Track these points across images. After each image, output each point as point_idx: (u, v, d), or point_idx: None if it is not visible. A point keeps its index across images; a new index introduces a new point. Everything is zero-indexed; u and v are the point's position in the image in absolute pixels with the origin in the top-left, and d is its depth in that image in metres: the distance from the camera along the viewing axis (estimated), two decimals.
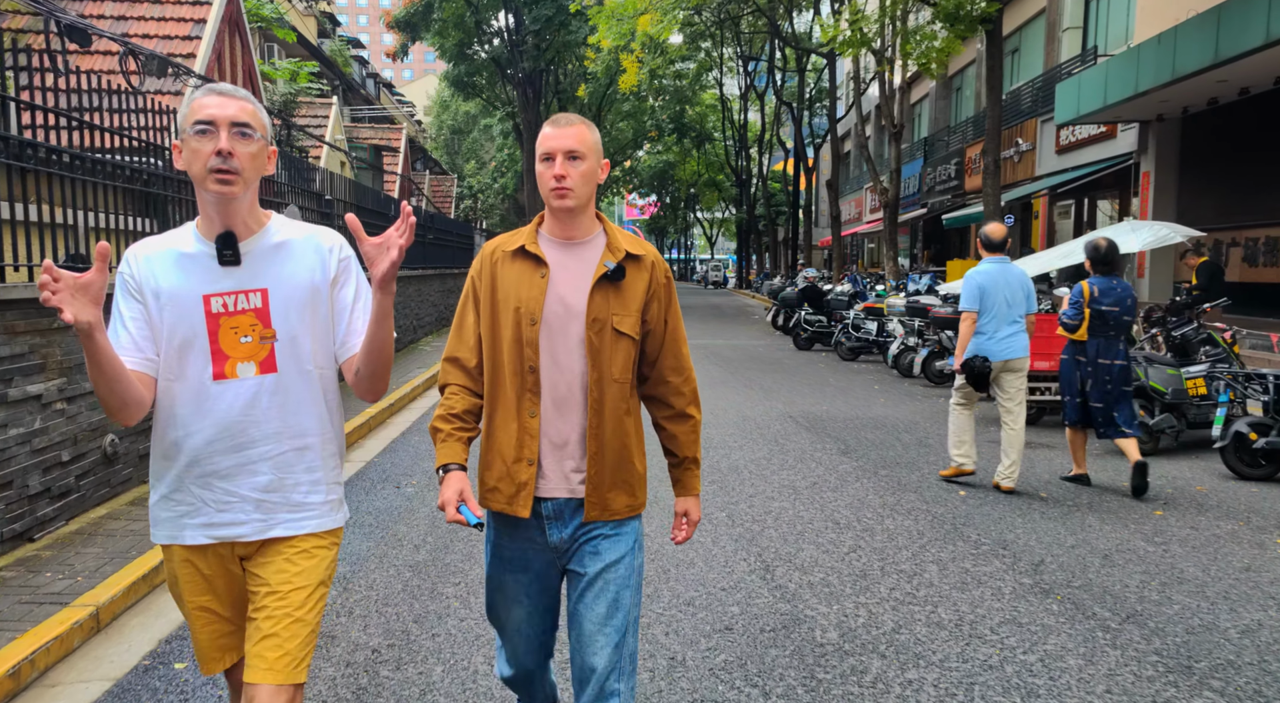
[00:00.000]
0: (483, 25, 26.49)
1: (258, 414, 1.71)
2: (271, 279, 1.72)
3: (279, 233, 1.76)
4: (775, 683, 2.88)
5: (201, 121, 1.61)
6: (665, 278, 1.96)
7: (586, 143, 1.84)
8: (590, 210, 1.93)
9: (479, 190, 41.20)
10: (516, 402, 1.88)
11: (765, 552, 4.20)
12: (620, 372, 1.89)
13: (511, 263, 1.91)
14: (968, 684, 2.87)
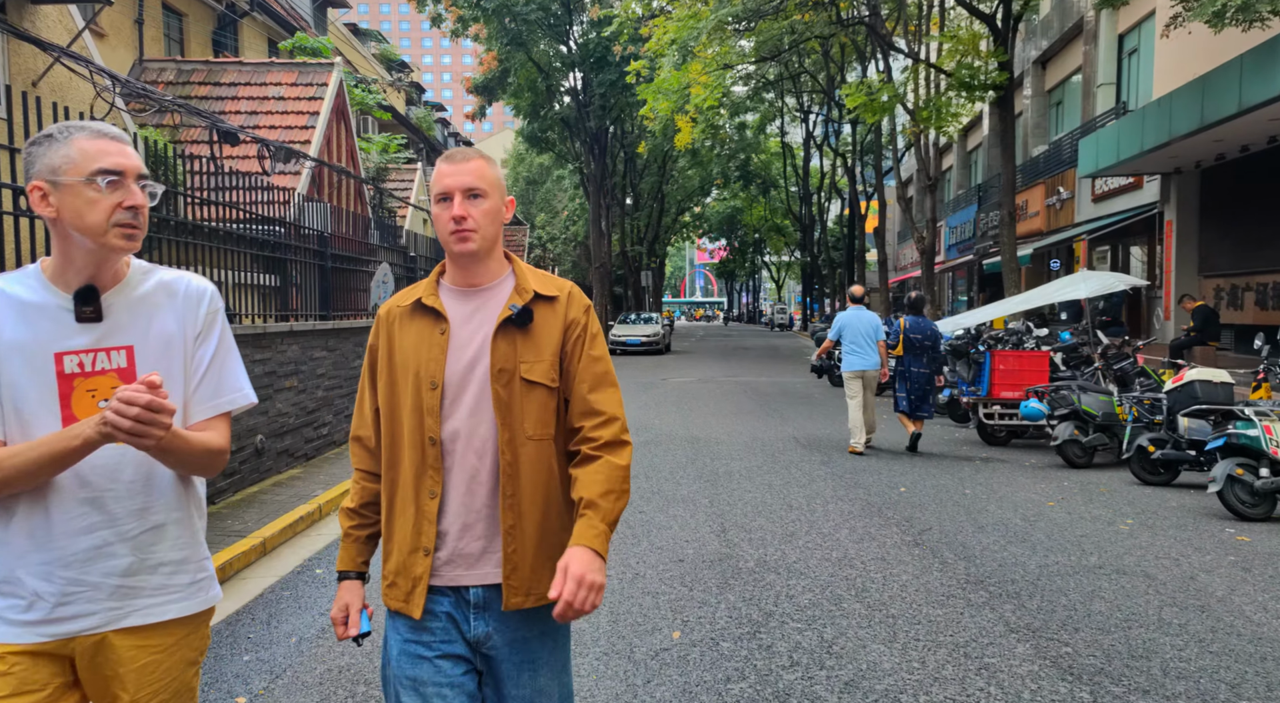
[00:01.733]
0: (553, 88, 29.18)
1: (119, 488, 1.51)
2: (137, 335, 1.55)
3: (143, 282, 1.59)
4: (701, 587, 4.48)
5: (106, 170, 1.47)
6: (583, 313, 1.77)
7: (487, 179, 1.69)
8: (497, 253, 1.76)
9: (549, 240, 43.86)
10: (415, 481, 1.68)
11: (726, 521, 5.79)
12: (535, 427, 1.68)
13: (410, 321, 1.73)
14: (828, 588, 4.41)
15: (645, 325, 26.26)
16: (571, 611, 1.52)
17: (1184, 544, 5.18)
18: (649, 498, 6.46)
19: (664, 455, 8.29)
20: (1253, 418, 5.65)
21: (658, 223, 45.04)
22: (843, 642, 3.70)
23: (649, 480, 7.12)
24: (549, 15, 26.00)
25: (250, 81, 12.88)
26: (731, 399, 13.23)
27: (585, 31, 27.85)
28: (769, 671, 3.42)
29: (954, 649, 3.62)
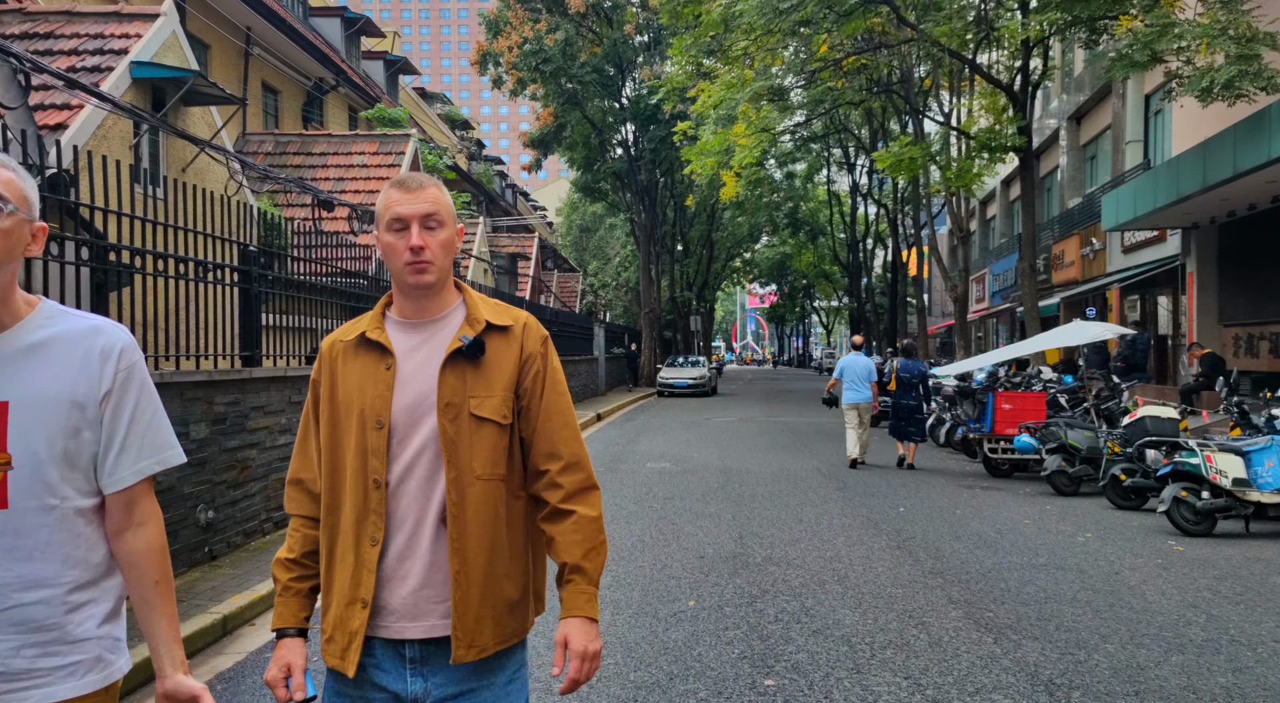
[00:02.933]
0: (606, 142, 31.15)
1: None
2: (16, 390, 1.37)
3: (42, 328, 1.41)
4: (715, 573, 5.71)
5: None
6: (542, 345, 1.68)
7: (444, 207, 1.61)
8: (449, 283, 1.67)
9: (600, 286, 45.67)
10: (356, 527, 1.57)
11: (744, 530, 7.00)
12: (485, 467, 1.58)
13: (354, 357, 1.64)
14: (816, 575, 5.59)
15: (692, 368, 27.54)
16: (576, 687, 1.54)
17: (1125, 551, 6.22)
18: (681, 513, 7.71)
19: (698, 482, 9.52)
20: (1195, 448, 6.68)
21: (707, 269, 46.58)
22: (818, 609, 4.89)
23: (682, 501, 8.36)
24: (602, 76, 28.01)
25: (338, 151, 14.80)
26: (767, 436, 14.38)
27: (636, 88, 29.79)
28: (758, 624, 4.63)
29: (902, 614, 4.78)
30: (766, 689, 3.73)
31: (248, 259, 6.49)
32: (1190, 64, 10.80)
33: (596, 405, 20.61)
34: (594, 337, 26.38)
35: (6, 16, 8.03)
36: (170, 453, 1.52)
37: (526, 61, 26.68)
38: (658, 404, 23.58)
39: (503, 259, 23.38)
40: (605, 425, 17.07)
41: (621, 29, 26.85)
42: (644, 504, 8.16)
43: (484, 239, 21.82)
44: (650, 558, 6.10)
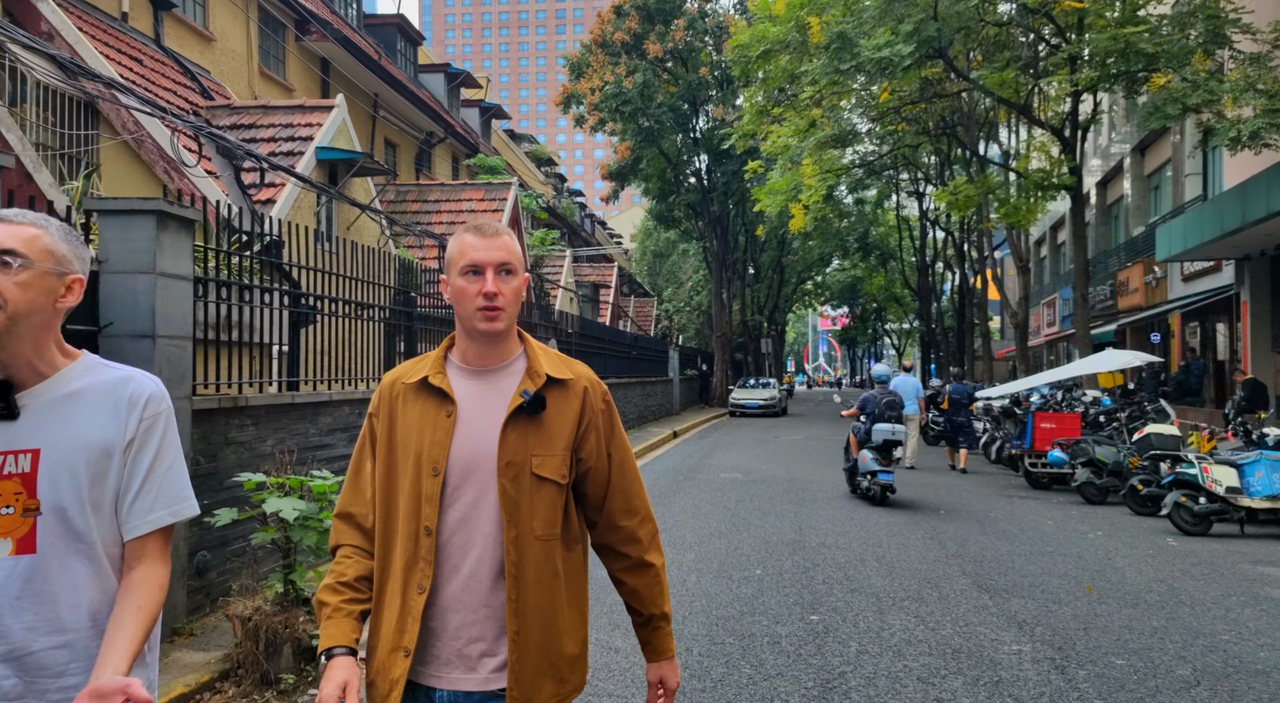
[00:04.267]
0: (680, 176, 32.95)
1: (7, 604, 1.40)
2: (48, 438, 1.44)
3: (78, 379, 1.48)
4: (777, 554, 7.19)
5: None
6: (603, 403, 1.69)
7: (517, 255, 1.62)
8: (514, 331, 1.67)
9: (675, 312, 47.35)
10: (404, 573, 1.57)
11: (803, 524, 8.45)
12: (544, 526, 1.60)
13: (414, 399, 1.64)
14: (859, 555, 7.01)
15: (762, 390, 28.86)
16: None
17: (1124, 545, 7.44)
18: (750, 512, 9.19)
19: (765, 488, 10.98)
20: (1194, 460, 7.83)
21: (778, 293, 47.78)
22: (857, 576, 6.33)
23: (751, 502, 9.84)
24: (677, 114, 29.83)
25: (449, 198, 16.89)
26: (831, 452, 15.69)
27: (709, 122, 31.48)
28: (809, 584, 6.10)
29: (922, 581, 6.18)
30: (811, 622, 5.21)
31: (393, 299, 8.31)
32: (1221, 117, 11.82)
33: (672, 424, 22.16)
34: (669, 360, 28.00)
35: (218, 111, 10.21)
36: (184, 505, 1.52)
37: (607, 103, 28.71)
38: (730, 423, 25.00)
39: (586, 288, 25.30)
40: (681, 442, 18.60)
41: (696, 71, 28.63)
42: (718, 504, 9.67)
43: (570, 271, 23.75)
44: (724, 543, 7.62)
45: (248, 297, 5.99)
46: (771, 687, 4.13)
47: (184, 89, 10.33)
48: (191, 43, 11.87)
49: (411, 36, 22.19)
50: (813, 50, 14.82)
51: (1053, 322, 33.39)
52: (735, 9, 31.27)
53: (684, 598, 5.72)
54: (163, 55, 10.67)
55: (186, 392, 4.91)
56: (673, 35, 28.28)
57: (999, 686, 4.15)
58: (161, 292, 4.68)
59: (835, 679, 4.23)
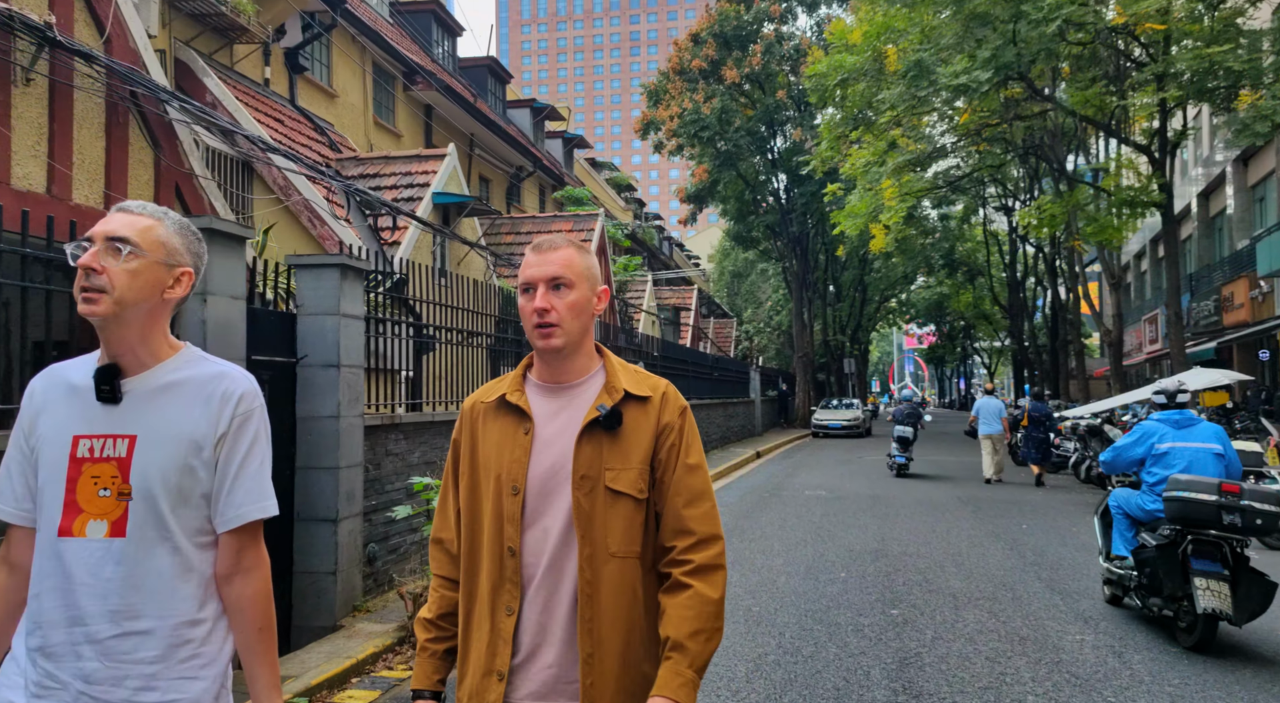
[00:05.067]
0: (758, 198, 33.75)
1: (98, 586, 1.48)
2: (144, 425, 1.52)
3: (177, 371, 1.57)
4: (860, 560, 7.92)
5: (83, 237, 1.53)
6: (679, 416, 1.67)
7: (575, 268, 1.62)
8: (586, 348, 1.69)
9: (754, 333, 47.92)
10: (492, 595, 1.59)
11: (885, 535, 9.13)
12: (621, 544, 1.58)
13: (494, 419, 1.67)
14: (938, 562, 7.68)
15: (846, 411, 29.22)
16: None
17: None
18: (834, 524, 9.91)
19: (849, 505, 11.65)
20: (1275, 476, 8.21)
21: (860, 312, 47.87)
22: (936, 579, 7.02)
23: (836, 517, 10.54)
24: (754, 137, 30.71)
25: (540, 230, 18.16)
26: (914, 471, 16.16)
27: (786, 141, 32.18)
28: (890, 586, 6.83)
29: (998, 584, 6.83)
30: (892, 615, 5.96)
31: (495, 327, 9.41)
32: None
33: (755, 444, 22.84)
34: (750, 381, 28.69)
35: (347, 162, 11.65)
36: (269, 503, 1.59)
37: (685, 129, 29.81)
38: (812, 444, 25.50)
39: (668, 312, 26.31)
40: (764, 462, 19.29)
41: (774, 95, 29.48)
42: (803, 518, 10.42)
43: (651, 294, 24.80)
44: (810, 551, 8.38)
45: (384, 329, 7.14)
46: (855, 663, 4.91)
47: (316, 143, 11.81)
48: (319, 100, 13.44)
49: (500, 76, 23.80)
50: (889, 78, 15.52)
51: (1155, 338, 32.65)
52: (811, 31, 32.07)
53: (774, 595, 6.53)
54: (297, 113, 12.21)
55: (360, 410, 6.03)
56: (750, 61, 29.24)
57: (1058, 665, 4.83)
58: (344, 329, 5.83)
59: (911, 658, 4.98)
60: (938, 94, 14.55)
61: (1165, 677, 4.64)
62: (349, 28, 13.93)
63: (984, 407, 13.97)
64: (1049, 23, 12.92)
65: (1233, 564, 4.98)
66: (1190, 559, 5.02)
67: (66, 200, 5.39)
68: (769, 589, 6.69)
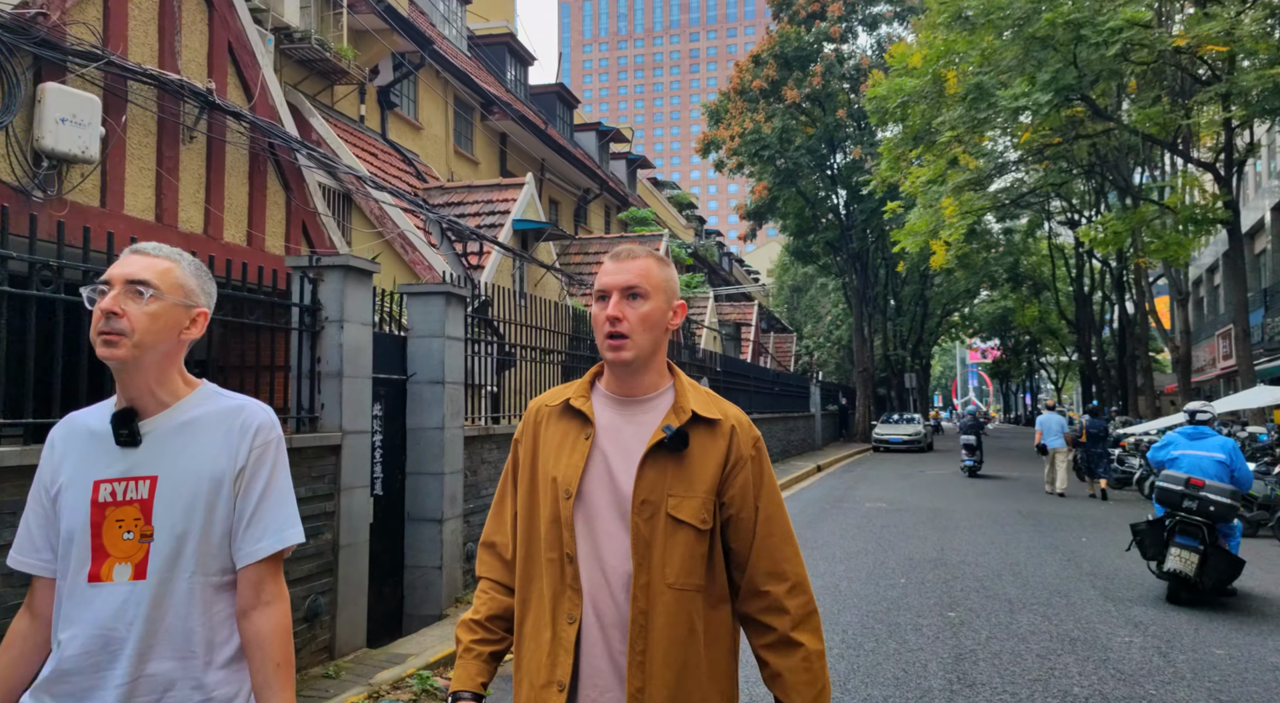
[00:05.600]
0: (818, 214, 34.02)
1: (122, 629, 1.49)
2: (165, 466, 1.52)
3: (196, 408, 1.57)
4: (919, 568, 8.31)
5: (101, 281, 1.51)
6: (754, 448, 1.60)
7: (651, 279, 1.57)
8: (657, 364, 1.62)
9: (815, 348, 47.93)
10: (553, 602, 1.53)
11: (944, 546, 9.46)
12: (679, 575, 1.50)
13: (557, 422, 1.62)
14: (996, 570, 8.02)
15: (907, 425, 29.22)
16: None
17: (1263, 571, 8.03)
18: (894, 535, 10.27)
19: (909, 517, 11.96)
20: None
21: (921, 326, 47.51)
22: (993, 586, 7.38)
23: (896, 528, 10.89)
24: (814, 155, 31.05)
25: (607, 250, 18.87)
26: (977, 487, 16.30)
27: (846, 159, 32.40)
28: (948, 591, 7.22)
29: (1053, 591, 7.16)
30: (949, 617, 6.37)
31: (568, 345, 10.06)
32: None
33: (815, 458, 23.10)
34: (810, 395, 28.91)
35: (433, 191, 12.53)
36: (291, 531, 1.58)
37: (746, 148, 30.34)
38: (873, 458, 25.60)
39: (729, 327, 26.79)
40: (825, 475, 19.58)
41: (834, 113, 29.81)
42: (864, 528, 10.79)
43: (713, 311, 25.32)
44: (870, 559, 8.79)
45: (478, 348, 7.84)
46: (914, 657, 5.36)
47: (406, 174, 12.72)
48: (406, 133, 14.41)
49: (568, 101, 24.72)
50: (949, 101, 15.83)
51: (1228, 353, 31.78)
52: (871, 50, 32.31)
53: (836, 597, 6.99)
54: (388, 147, 13.15)
55: (460, 422, 6.73)
56: (810, 81, 29.64)
57: (1105, 663, 5.20)
58: (447, 350, 6.53)
59: (966, 654, 5.41)
60: (997, 116, 14.80)
61: (1207, 674, 4.98)
62: (434, 64, 14.90)
63: (1046, 422, 14.55)
64: (1109, 45, 13.12)
65: (1208, 542, 6.50)
66: (1175, 534, 6.65)
67: (219, 240, 6.22)
68: (832, 592, 7.15)
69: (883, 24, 32.07)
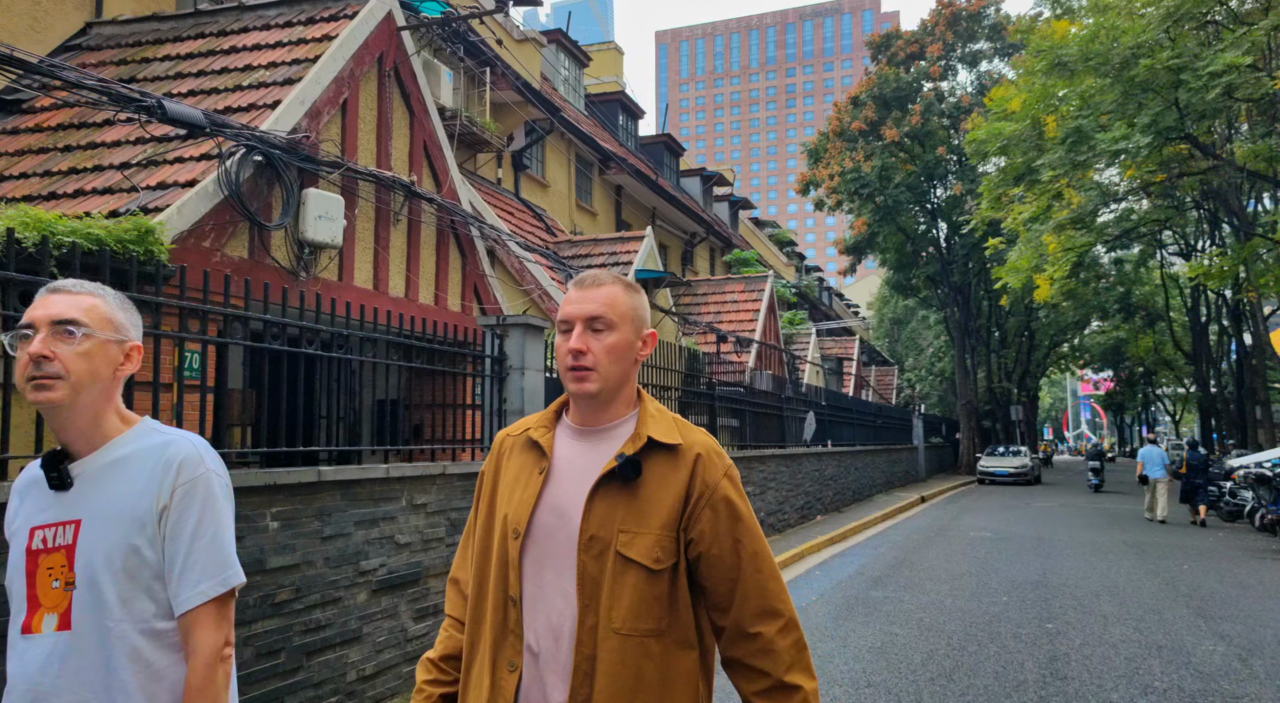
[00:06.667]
0: (918, 247, 34.20)
1: (47, 683, 1.41)
2: (88, 508, 1.45)
3: (126, 445, 1.49)
4: (1021, 589, 8.90)
5: (23, 325, 1.44)
6: (724, 478, 1.48)
7: (618, 308, 1.48)
8: (625, 394, 1.53)
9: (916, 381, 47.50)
10: (494, 647, 1.45)
11: (1047, 571, 9.96)
12: (627, 619, 1.40)
13: (518, 455, 1.55)
14: (1095, 591, 8.54)
15: (1013, 458, 28.92)
16: None
17: None
18: (998, 560, 10.80)
19: (1013, 545, 12.39)
20: None
21: (1027, 358, 46.44)
22: (1090, 604, 7.94)
23: (1000, 555, 11.39)
24: (914, 192, 31.41)
25: (715, 292, 19.97)
26: (1084, 517, 16.38)
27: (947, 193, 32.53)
28: (1047, 608, 7.83)
29: (1148, 610, 7.68)
30: (1047, 628, 7.02)
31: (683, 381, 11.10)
32: None
33: (919, 489, 23.32)
34: (913, 428, 29.03)
35: (562, 244, 13.98)
36: (230, 573, 1.48)
37: (846, 187, 31.01)
38: (978, 490, 25.53)
39: (831, 362, 27.38)
40: (929, 506, 19.87)
41: (934, 151, 30.19)
42: (968, 554, 11.34)
43: (815, 346, 25.99)
44: (974, 580, 9.41)
45: None
46: (1012, 658, 6.10)
47: (538, 229, 14.20)
48: (535, 190, 15.98)
49: (674, 149, 26.14)
50: (1048, 145, 16.28)
51: None
52: (972, 86, 32.54)
53: (942, 610, 7.72)
54: (522, 205, 14.70)
55: None
56: (909, 120, 30.16)
57: (1187, 665, 5.82)
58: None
59: (1060, 657, 6.11)
60: (1097, 159, 15.19)
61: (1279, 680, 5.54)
62: (561, 127, 16.47)
63: (1148, 454, 15.62)
64: (1209, 89, 13.42)
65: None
66: None
67: (415, 302, 7.62)
68: (937, 606, 7.88)
69: (983, 61, 32.34)
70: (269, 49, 6.81)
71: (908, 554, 11.26)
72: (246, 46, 6.89)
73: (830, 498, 16.48)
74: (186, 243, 5.25)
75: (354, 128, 6.91)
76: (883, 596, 8.40)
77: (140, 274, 3.77)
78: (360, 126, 7.02)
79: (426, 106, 7.85)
